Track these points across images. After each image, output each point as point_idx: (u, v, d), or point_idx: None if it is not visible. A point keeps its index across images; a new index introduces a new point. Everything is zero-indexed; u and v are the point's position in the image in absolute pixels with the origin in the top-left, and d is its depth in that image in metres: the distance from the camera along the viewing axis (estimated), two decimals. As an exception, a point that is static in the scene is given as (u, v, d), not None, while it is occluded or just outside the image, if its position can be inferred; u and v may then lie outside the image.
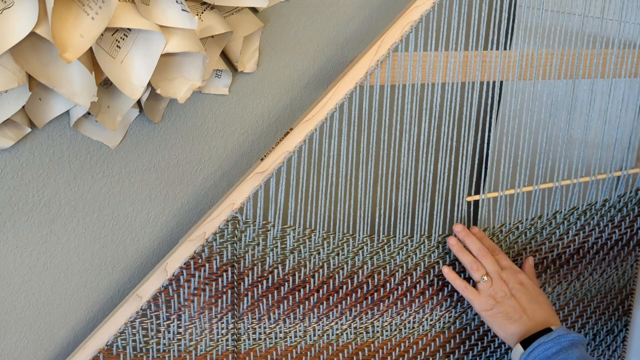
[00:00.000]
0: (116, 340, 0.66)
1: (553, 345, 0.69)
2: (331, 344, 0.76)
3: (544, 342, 0.70)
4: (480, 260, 0.76)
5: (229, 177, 0.75)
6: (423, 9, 0.68)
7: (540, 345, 0.69)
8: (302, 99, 0.77)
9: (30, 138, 0.63)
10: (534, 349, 0.70)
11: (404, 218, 0.77)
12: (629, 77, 0.82)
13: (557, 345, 0.69)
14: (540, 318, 0.73)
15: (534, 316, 0.73)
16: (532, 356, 0.69)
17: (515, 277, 0.75)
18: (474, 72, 0.73)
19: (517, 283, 0.75)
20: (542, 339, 0.70)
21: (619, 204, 0.88)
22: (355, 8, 0.77)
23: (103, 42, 0.57)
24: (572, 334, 0.70)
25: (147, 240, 0.72)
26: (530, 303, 0.74)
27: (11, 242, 0.65)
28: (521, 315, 0.73)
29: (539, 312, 0.74)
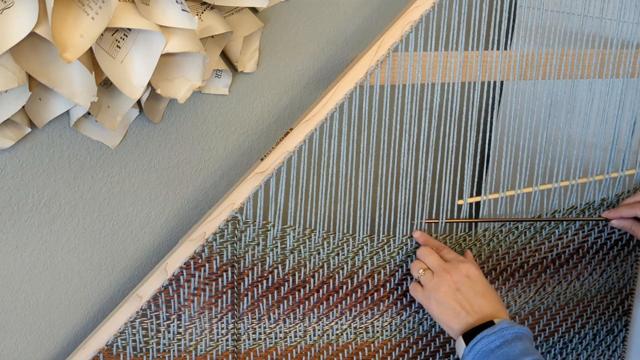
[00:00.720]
0: (116, 340, 0.66)
1: (496, 339, 0.66)
2: (331, 344, 0.77)
3: (487, 335, 0.66)
4: (423, 259, 0.74)
5: (229, 177, 0.75)
6: (423, 9, 0.68)
7: (483, 339, 0.66)
8: (302, 99, 0.77)
9: (30, 138, 0.62)
10: (476, 343, 0.66)
11: (404, 218, 0.77)
12: (628, 77, 0.82)
13: (500, 338, 0.66)
14: (487, 312, 0.70)
15: (480, 310, 0.69)
16: (475, 350, 0.66)
17: (460, 270, 0.71)
18: (474, 72, 0.73)
19: (464, 276, 0.71)
20: (485, 332, 0.67)
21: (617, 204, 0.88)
22: (355, 8, 0.77)
23: (103, 42, 0.57)
24: (517, 327, 0.67)
25: (147, 240, 0.72)
26: (477, 296, 0.70)
27: (11, 242, 0.65)
28: (468, 311, 0.70)
29: (485, 306, 0.70)
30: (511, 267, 0.84)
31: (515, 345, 0.65)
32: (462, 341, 0.68)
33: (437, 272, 0.72)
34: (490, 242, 0.82)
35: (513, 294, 0.85)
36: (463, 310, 0.70)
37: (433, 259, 0.73)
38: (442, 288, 0.71)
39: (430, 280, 0.72)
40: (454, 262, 0.73)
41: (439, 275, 0.72)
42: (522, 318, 0.86)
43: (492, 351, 0.65)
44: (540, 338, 0.88)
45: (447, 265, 0.72)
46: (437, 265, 0.73)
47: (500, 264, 0.83)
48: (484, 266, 0.82)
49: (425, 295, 0.73)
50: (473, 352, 0.66)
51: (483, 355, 0.66)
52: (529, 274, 0.85)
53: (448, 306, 0.70)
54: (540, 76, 0.77)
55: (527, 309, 0.86)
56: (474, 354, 0.66)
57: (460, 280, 0.71)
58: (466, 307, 0.70)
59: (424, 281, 0.73)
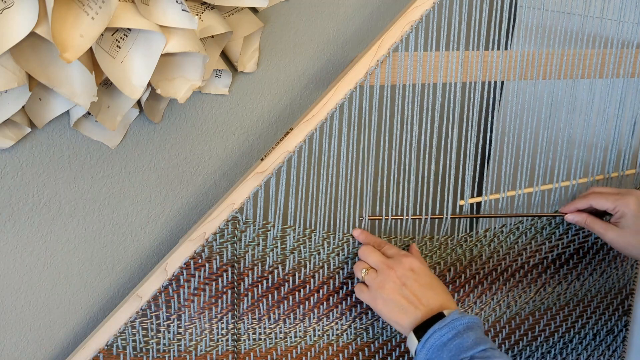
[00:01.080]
0: (116, 340, 0.66)
1: (448, 331, 0.64)
2: (331, 344, 0.76)
3: (438, 329, 0.64)
4: (365, 259, 0.72)
5: (229, 177, 0.75)
6: (423, 9, 0.68)
7: (435, 333, 0.64)
8: (302, 99, 0.77)
9: (30, 138, 0.62)
10: (429, 338, 0.64)
11: (405, 219, 0.76)
12: (628, 77, 0.82)
13: (452, 330, 0.64)
14: (435, 304, 0.67)
15: (428, 303, 0.67)
16: (428, 345, 0.64)
17: (404, 264, 0.69)
18: (475, 72, 0.73)
19: (407, 270, 0.69)
20: (436, 326, 0.65)
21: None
22: (355, 8, 0.77)
23: (103, 42, 0.57)
24: (467, 317, 0.65)
25: (147, 240, 0.72)
26: (423, 289, 0.68)
27: (11, 242, 0.65)
28: (415, 305, 0.67)
29: (433, 298, 0.68)
30: (512, 268, 0.84)
31: (468, 336, 0.63)
32: (413, 337, 0.66)
33: (381, 270, 0.70)
34: (491, 242, 0.82)
35: (514, 294, 0.85)
36: (411, 305, 0.67)
37: (375, 256, 0.71)
38: (387, 285, 0.68)
39: (374, 279, 0.70)
40: (396, 257, 0.70)
41: (383, 272, 0.69)
42: (522, 318, 0.86)
43: (445, 344, 0.63)
44: (540, 338, 0.88)
45: (389, 261, 0.70)
46: (380, 262, 0.70)
47: (501, 264, 0.83)
48: (485, 266, 0.82)
49: (371, 296, 0.70)
50: (426, 348, 0.64)
51: (436, 350, 0.64)
52: (530, 274, 0.85)
53: (395, 303, 0.68)
54: (541, 76, 0.77)
55: (527, 309, 0.86)
56: (428, 350, 0.64)
57: (404, 275, 0.68)
58: (414, 301, 0.67)
59: (368, 281, 0.70)
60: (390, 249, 0.72)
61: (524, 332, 0.86)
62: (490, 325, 0.84)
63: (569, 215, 0.81)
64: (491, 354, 0.62)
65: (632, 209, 0.76)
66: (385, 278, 0.69)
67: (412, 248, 0.76)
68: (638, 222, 0.76)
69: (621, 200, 0.77)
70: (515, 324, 0.86)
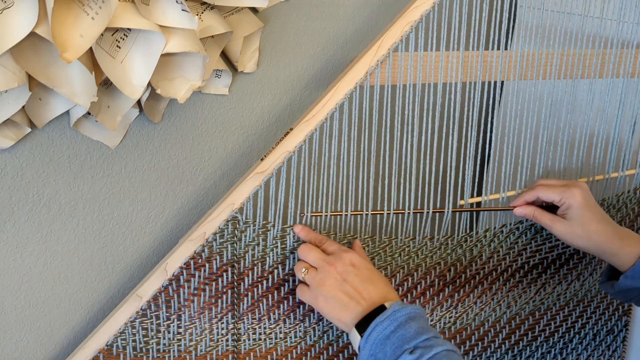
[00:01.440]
0: (116, 340, 0.66)
1: (390, 323, 0.62)
2: (331, 345, 0.76)
3: (380, 322, 0.62)
4: (304, 257, 0.70)
5: (229, 177, 0.75)
6: (423, 9, 0.68)
7: (377, 326, 0.62)
8: (302, 99, 0.77)
9: (30, 138, 0.63)
10: (371, 332, 0.62)
11: (405, 218, 0.77)
12: (628, 77, 0.82)
13: (394, 322, 0.62)
14: (377, 298, 0.65)
15: (370, 297, 0.65)
16: (371, 340, 0.62)
17: (344, 260, 0.67)
18: (475, 72, 0.73)
19: (348, 265, 0.67)
20: (377, 319, 0.62)
21: (618, 204, 0.88)
22: (355, 8, 0.77)
23: (103, 42, 0.57)
24: (409, 307, 0.63)
25: (147, 240, 0.72)
26: (365, 283, 0.66)
27: (11, 242, 0.65)
28: (357, 300, 0.65)
29: (374, 291, 0.65)
30: (512, 268, 0.84)
31: (410, 326, 0.61)
32: (355, 333, 0.64)
33: (321, 267, 0.67)
34: (491, 242, 0.82)
35: (514, 295, 0.85)
36: (352, 300, 0.65)
37: (314, 254, 0.69)
38: (328, 282, 0.66)
39: (314, 278, 0.67)
40: (337, 253, 0.68)
41: (323, 269, 0.67)
42: (522, 318, 0.86)
43: (387, 337, 0.61)
44: (540, 338, 0.88)
45: (330, 258, 0.68)
46: (320, 259, 0.68)
47: (501, 264, 0.83)
48: (485, 266, 0.82)
49: (312, 295, 0.68)
50: (369, 343, 0.62)
51: (379, 344, 0.61)
52: (530, 274, 0.85)
53: (336, 299, 0.65)
54: (541, 76, 0.77)
55: (527, 310, 0.86)
56: (371, 345, 0.62)
57: (345, 270, 0.66)
58: (355, 296, 0.65)
59: (309, 280, 0.68)
60: (330, 246, 0.70)
61: (524, 332, 0.86)
62: (490, 326, 0.84)
63: (517, 209, 0.79)
64: (434, 343, 0.60)
65: (578, 200, 0.75)
66: (326, 275, 0.66)
67: (355, 244, 0.74)
68: (584, 214, 0.75)
69: (567, 192, 0.75)
70: (516, 324, 0.86)
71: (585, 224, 0.75)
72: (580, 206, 0.75)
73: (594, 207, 0.76)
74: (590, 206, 0.75)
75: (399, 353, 0.60)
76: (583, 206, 0.75)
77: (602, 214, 0.76)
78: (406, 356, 0.59)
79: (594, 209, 0.75)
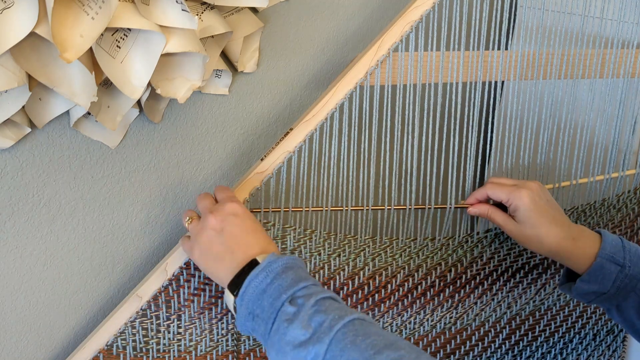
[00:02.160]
0: (116, 340, 0.66)
1: (266, 276, 0.56)
2: (331, 344, 0.76)
3: (255, 276, 0.56)
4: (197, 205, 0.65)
5: (229, 177, 0.75)
6: (423, 9, 0.68)
7: (252, 281, 0.56)
8: (302, 99, 0.77)
9: (30, 138, 0.63)
10: (246, 288, 0.56)
11: (406, 219, 0.76)
12: (628, 77, 0.82)
13: (270, 274, 0.56)
14: (254, 251, 0.59)
15: (246, 250, 0.59)
16: (247, 297, 0.56)
17: (226, 208, 0.61)
18: (475, 72, 0.73)
19: (230, 214, 0.60)
20: (252, 274, 0.56)
21: (618, 204, 0.88)
22: (355, 8, 0.77)
23: (103, 42, 0.57)
24: (285, 257, 0.58)
25: (147, 240, 0.72)
26: (244, 234, 0.60)
27: (11, 242, 0.65)
28: (233, 252, 0.59)
29: (253, 243, 0.60)
30: (512, 268, 0.84)
31: (287, 275, 0.56)
32: (228, 294, 0.58)
33: (203, 215, 0.62)
34: (492, 243, 0.82)
35: (514, 295, 0.85)
36: (227, 252, 0.59)
37: (203, 202, 0.63)
38: (205, 231, 0.60)
39: (195, 227, 0.62)
40: (221, 201, 0.62)
41: (204, 218, 0.61)
42: (523, 318, 0.86)
43: (264, 291, 0.55)
44: (540, 338, 0.88)
45: (213, 206, 0.62)
46: (204, 208, 0.62)
47: (502, 265, 0.83)
48: (486, 267, 0.82)
49: (190, 245, 0.62)
50: (246, 300, 0.56)
51: (256, 299, 0.55)
52: (530, 274, 0.85)
53: (211, 251, 0.60)
54: (541, 76, 0.77)
55: (528, 310, 0.86)
56: (247, 302, 0.56)
57: (225, 220, 0.60)
58: (231, 248, 0.59)
59: (191, 229, 0.63)
60: (220, 192, 0.64)
61: (524, 332, 0.86)
62: (491, 326, 0.84)
63: (471, 208, 0.75)
64: (314, 291, 0.55)
65: (525, 202, 0.70)
66: (204, 224, 0.60)
67: None
68: (532, 216, 0.70)
69: (515, 193, 0.71)
70: (516, 325, 0.86)
71: (534, 227, 0.71)
72: (528, 208, 0.70)
73: (544, 208, 0.71)
74: (539, 208, 0.71)
75: (278, 305, 0.54)
76: (531, 208, 0.70)
77: (554, 215, 0.71)
78: (286, 307, 0.54)
79: (544, 211, 0.71)
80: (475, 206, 0.75)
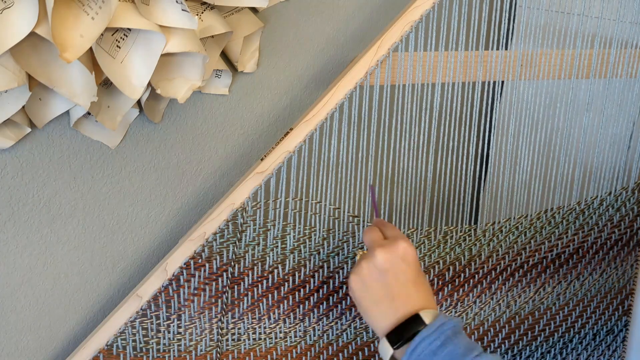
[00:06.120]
0: (116, 340, 0.66)
1: (437, 338, 0.56)
2: (331, 344, 0.77)
3: (427, 337, 0.56)
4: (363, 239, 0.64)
5: (229, 177, 0.75)
6: (423, 9, 0.68)
7: (424, 341, 0.56)
8: (302, 99, 0.77)
9: (30, 138, 0.62)
10: (415, 348, 0.56)
11: (404, 218, 0.77)
12: (628, 77, 0.82)
13: (441, 336, 0.56)
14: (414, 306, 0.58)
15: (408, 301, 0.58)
16: (416, 355, 0.56)
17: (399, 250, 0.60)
18: (474, 72, 0.73)
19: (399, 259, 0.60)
20: (423, 333, 0.56)
21: (617, 203, 0.88)
22: (355, 8, 0.77)
23: (103, 42, 0.57)
24: (453, 320, 0.57)
25: (147, 240, 0.72)
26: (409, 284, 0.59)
27: (11, 242, 0.65)
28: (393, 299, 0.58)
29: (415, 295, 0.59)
30: (511, 267, 0.84)
31: (459, 341, 0.56)
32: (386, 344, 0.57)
33: (371, 249, 0.60)
34: (490, 242, 0.82)
35: (513, 294, 0.85)
36: (386, 299, 0.58)
37: (370, 236, 0.62)
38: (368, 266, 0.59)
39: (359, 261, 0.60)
40: (393, 238, 0.60)
41: (371, 251, 0.60)
42: (522, 318, 0.86)
43: (434, 353, 0.55)
44: (540, 338, 0.88)
45: (384, 242, 0.60)
46: (372, 241, 0.61)
47: (500, 263, 0.83)
48: (484, 266, 0.82)
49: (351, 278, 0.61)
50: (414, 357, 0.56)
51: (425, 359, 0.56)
52: (529, 273, 0.85)
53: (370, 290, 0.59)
54: (541, 76, 0.77)
55: (527, 309, 0.86)
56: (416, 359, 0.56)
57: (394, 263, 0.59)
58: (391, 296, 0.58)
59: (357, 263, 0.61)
60: (390, 230, 0.63)
61: (523, 331, 0.86)
62: (490, 325, 0.85)
63: None
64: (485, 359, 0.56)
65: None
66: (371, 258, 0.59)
67: None
68: None
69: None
70: (515, 324, 0.86)
71: None
72: None
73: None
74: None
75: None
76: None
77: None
78: None
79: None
80: None
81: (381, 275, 0.59)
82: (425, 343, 0.56)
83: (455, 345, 0.56)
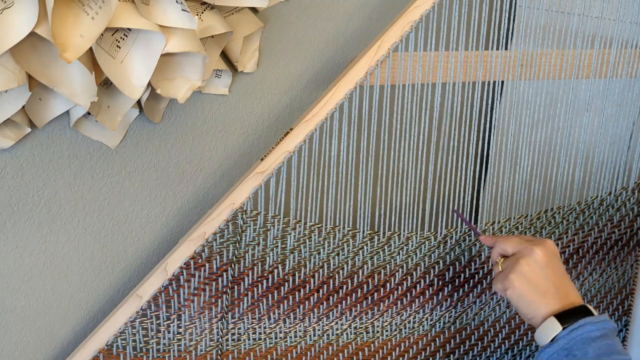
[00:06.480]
0: (116, 340, 0.66)
1: (597, 328, 0.63)
2: (331, 344, 0.77)
3: (589, 323, 0.63)
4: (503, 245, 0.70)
5: (229, 177, 0.75)
6: (423, 9, 0.68)
7: (586, 325, 0.63)
8: (302, 99, 0.77)
9: (30, 138, 0.62)
10: (577, 327, 0.63)
11: (404, 218, 0.77)
12: (628, 77, 0.82)
13: (601, 329, 0.63)
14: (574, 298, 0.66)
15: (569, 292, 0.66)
16: (574, 335, 0.63)
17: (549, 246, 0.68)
18: (474, 72, 0.73)
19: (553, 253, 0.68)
20: (588, 319, 0.63)
21: (617, 203, 0.88)
22: (355, 8, 0.77)
23: (103, 42, 0.57)
24: (613, 323, 0.65)
25: (147, 240, 0.72)
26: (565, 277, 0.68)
27: (11, 242, 0.65)
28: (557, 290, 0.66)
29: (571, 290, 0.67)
30: (511, 267, 0.84)
31: (616, 341, 0.64)
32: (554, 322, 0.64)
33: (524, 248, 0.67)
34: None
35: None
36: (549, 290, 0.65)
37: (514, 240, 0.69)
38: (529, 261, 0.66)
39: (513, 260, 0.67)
40: (538, 239, 0.69)
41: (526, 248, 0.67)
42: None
43: (592, 340, 0.62)
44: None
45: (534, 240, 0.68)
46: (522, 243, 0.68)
47: (500, 264, 0.83)
48: (484, 266, 0.82)
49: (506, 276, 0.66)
50: (571, 337, 0.63)
51: (581, 342, 0.62)
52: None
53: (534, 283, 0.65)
54: (541, 76, 0.77)
55: (527, 309, 0.86)
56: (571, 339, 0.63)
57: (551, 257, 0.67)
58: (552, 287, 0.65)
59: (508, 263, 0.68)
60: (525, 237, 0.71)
61: (523, 331, 0.86)
62: (490, 325, 0.85)
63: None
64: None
65: None
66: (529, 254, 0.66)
67: None
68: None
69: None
70: (515, 324, 0.86)
71: None
72: None
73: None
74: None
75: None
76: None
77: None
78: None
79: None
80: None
81: (542, 269, 0.66)
82: (587, 328, 0.63)
83: (614, 342, 0.63)
